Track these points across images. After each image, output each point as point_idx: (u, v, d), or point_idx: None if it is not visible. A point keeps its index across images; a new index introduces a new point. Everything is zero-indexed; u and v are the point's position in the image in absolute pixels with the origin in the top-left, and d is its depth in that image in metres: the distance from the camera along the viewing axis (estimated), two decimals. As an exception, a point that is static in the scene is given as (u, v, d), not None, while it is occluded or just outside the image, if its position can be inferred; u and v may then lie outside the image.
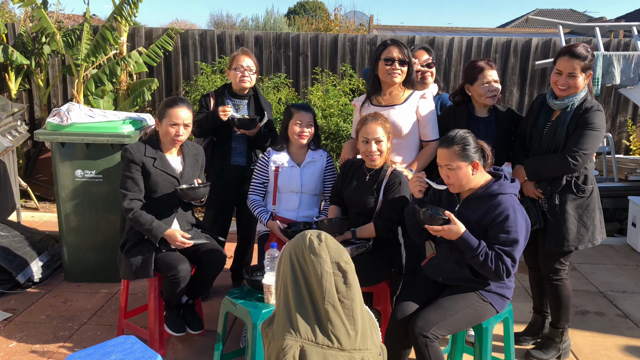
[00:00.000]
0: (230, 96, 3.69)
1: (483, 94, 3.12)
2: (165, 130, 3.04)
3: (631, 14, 21.56)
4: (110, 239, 3.97)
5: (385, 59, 3.12)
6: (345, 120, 5.66)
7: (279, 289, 1.63)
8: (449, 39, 6.63)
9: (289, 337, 1.51)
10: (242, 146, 3.66)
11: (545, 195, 2.99)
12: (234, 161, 3.65)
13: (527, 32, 16.54)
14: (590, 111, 2.85)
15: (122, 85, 6.38)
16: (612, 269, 4.65)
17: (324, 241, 1.57)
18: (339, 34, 6.67)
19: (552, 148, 2.93)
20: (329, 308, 1.52)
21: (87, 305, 3.72)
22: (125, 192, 2.99)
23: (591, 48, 2.89)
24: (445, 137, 2.57)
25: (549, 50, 6.58)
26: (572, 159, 2.83)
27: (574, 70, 2.82)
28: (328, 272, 1.53)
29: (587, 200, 2.95)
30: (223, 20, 26.04)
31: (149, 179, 3.02)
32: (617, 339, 3.48)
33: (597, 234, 2.99)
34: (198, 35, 6.70)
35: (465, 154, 2.50)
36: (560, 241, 2.94)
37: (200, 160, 3.26)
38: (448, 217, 2.49)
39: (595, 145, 2.88)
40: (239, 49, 3.68)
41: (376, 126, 2.91)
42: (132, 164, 2.99)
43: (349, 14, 19.23)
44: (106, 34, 5.72)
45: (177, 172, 3.11)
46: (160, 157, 3.06)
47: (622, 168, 5.85)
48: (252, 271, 2.87)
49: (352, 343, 1.54)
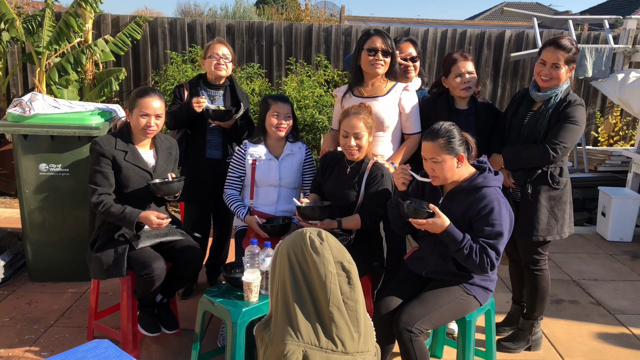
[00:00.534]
0: (205, 87, 3.55)
1: (457, 86, 3.10)
2: (136, 121, 2.91)
3: (594, 7, 22.06)
4: (77, 236, 3.80)
5: (368, 49, 3.05)
6: (320, 111, 5.57)
7: (276, 290, 1.54)
8: (423, 30, 6.60)
9: (291, 341, 1.42)
10: (218, 139, 3.54)
11: (519, 185, 2.99)
12: (208, 154, 3.53)
13: (496, 24, 16.71)
14: (572, 105, 2.86)
15: (87, 75, 6.16)
16: (584, 258, 4.72)
17: (325, 240, 1.48)
18: (313, 24, 6.57)
19: (532, 138, 2.94)
20: (333, 310, 1.44)
21: (53, 306, 3.56)
22: (95, 187, 2.85)
23: (576, 42, 2.88)
24: (430, 130, 2.52)
25: (522, 42, 6.63)
26: (553, 151, 2.84)
27: (558, 61, 2.84)
28: (332, 273, 1.45)
29: (560, 193, 2.97)
30: (191, 9, 25.53)
31: (120, 174, 2.88)
32: (591, 326, 3.52)
33: (565, 227, 3.01)
34: (168, 24, 6.51)
35: (450, 147, 2.46)
36: (529, 231, 2.95)
37: (173, 154, 3.14)
38: (432, 210, 2.45)
39: (575, 139, 2.90)
40: (214, 38, 3.56)
41: (357, 121, 2.84)
42: (102, 157, 2.85)
43: (320, 4, 19.10)
44: (70, 20, 5.48)
45: (150, 166, 2.98)
46: (132, 151, 2.92)
47: (592, 159, 5.95)
48: (230, 268, 2.77)
49: (356, 345, 1.46)
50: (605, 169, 5.80)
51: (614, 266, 4.55)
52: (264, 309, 2.56)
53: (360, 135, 2.84)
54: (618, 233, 5.09)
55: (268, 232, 3.01)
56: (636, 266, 4.55)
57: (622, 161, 5.77)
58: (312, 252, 1.46)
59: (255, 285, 2.52)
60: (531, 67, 6.55)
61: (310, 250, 1.46)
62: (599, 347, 3.28)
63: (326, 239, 1.50)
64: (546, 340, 3.32)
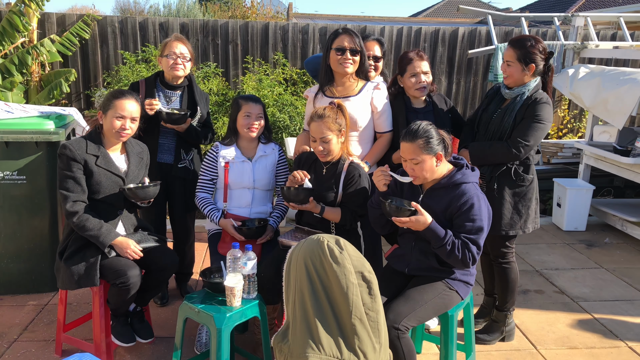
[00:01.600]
0: (163, 86, 3.38)
1: (412, 85, 3.15)
2: (110, 124, 2.77)
3: (532, 4, 22.91)
4: (35, 246, 3.62)
5: (337, 49, 3.03)
6: (281, 110, 5.53)
7: (292, 300, 1.49)
8: (379, 28, 6.65)
9: (312, 354, 1.38)
10: (170, 142, 3.38)
11: (484, 180, 3.05)
12: (160, 159, 3.37)
13: (440, 21, 17.09)
14: (538, 103, 2.92)
15: (33, 77, 5.85)
16: (544, 248, 4.89)
17: (344, 248, 1.45)
18: (269, 22, 6.50)
19: (498, 134, 3.00)
20: (356, 322, 1.41)
21: (14, 320, 3.36)
22: (67, 193, 2.70)
23: (536, 41, 2.96)
24: (407, 131, 2.53)
25: (475, 39, 6.78)
26: (515, 149, 2.90)
27: (511, 58, 2.94)
28: (353, 284, 1.41)
29: (525, 190, 3.04)
30: (130, 7, 24.74)
31: (91, 179, 2.74)
32: (558, 314, 3.65)
33: (529, 222, 3.08)
34: (118, 22, 6.28)
35: (429, 147, 2.48)
36: (493, 225, 3.00)
37: (145, 159, 3.02)
38: (415, 208, 2.46)
39: (539, 137, 2.95)
40: (172, 35, 3.42)
41: (320, 127, 2.78)
42: (73, 162, 2.70)
43: (266, 1, 18.95)
44: (14, 19, 5.21)
45: (122, 171, 2.85)
46: (103, 155, 2.79)
47: (544, 152, 6.16)
48: (209, 273, 2.70)
49: (377, 356, 1.44)
50: (558, 161, 6.02)
51: (572, 255, 4.73)
52: (248, 313, 2.50)
53: (327, 139, 2.80)
54: (573, 223, 5.30)
55: (244, 235, 2.95)
56: (592, 254, 4.76)
57: (572, 153, 6.01)
58: (332, 262, 1.42)
59: (238, 290, 2.46)
60: (484, 63, 6.74)
61: (330, 260, 1.42)
62: (567, 334, 3.40)
63: (345, 247, 1.47)
64: (518, 330, 3.42)
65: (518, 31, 6.72)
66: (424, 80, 3.14)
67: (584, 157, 5.48)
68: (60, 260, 2.77)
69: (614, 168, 5.04)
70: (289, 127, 5.59)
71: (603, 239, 5.12)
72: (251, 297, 2.55)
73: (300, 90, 6.28)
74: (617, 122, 4.60)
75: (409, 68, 3.14)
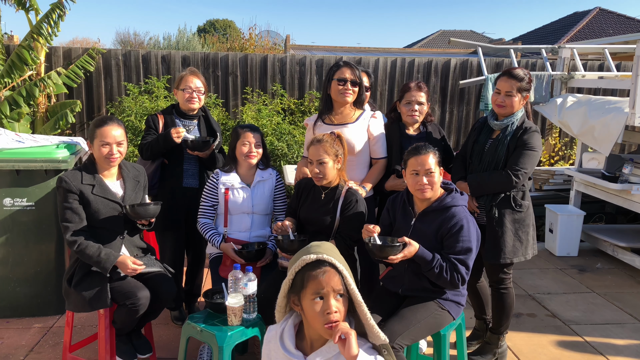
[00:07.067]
0: (179, 116, 3.60)
1: (405, 112, 3.38)
2: (98, 152, 2.89)
3: (525, 35, 23.48)
4: (42, 270, 3.73)
5: (338, 80, 3.23)
6: (279, 139, 5.70)
7: None
8: (374, 59, 6.88)
9: None
10: (194, 168, 3.59)
11: (484, 210, 3.16)
12: (186, 183, 3.56)
13: (434, 51, 17.45)
14: (528, 132, 3.07)
15: (40, 108, 6.04)
16: (536, 273, 5.00)
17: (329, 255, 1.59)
18: (268, 55, 6.73)
19: (493, 164, 3.13)
20: None
21: (20, 342, 3.46)
22: (67, 224, 2.82)
23: (529, 72, 3.15)
24: (417, 147, 2.71)
25: (467, 69, 7.02)
26: (515, 177, 3.03)
27: (512, 89, 3.07)
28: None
29: (524, 216, 3.15)
30: (130, 39, 25.22)
31: (89, 207, 2.85)
32: (550, 337, 3.74)
33: (529, 248, 3.19)
34: (122, 55, 6.50)
35: (439, 160, 2.70)
36: (497, 253, 3.12)
37: (142, 181, 3.12)
38: (404, 242, 2.58)
39: (534, 164, 3.10)
40: (187, 69, 3.62)
41: (318, 150, 2.96)
42: (69, 193, 2.82)
43: (264, 33, 19.37)
44: (23, 53, 5.42)
45: (119, 196, 2.96)
46: (99, 183, 2.90)
47: (536, 179, 6.32)
48: (211, 294, 2.81)
49: None
50: (550, 188, 6.17)
51: (564, 280, 4.84)
52: (248, 332, 2.61)
53: (323, 161, 2.96)
54: (565, 248, 5.42)
55: (244, 258, 3.07)
56: (584, 279, 4.87)
57: (564, 180, 6.16)
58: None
59: (239, 309, 2.58)
60: (476, 93, 6.96)
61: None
62: (559, 356, 3.49)
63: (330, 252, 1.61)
64: (510, 352, 3.51)
65: (508, 62, 6.96)
66: (416, 109, 3.33)
67: (574, 184, 5.64)
68: (69, 287, 2.87)
69: (603, 194, 5.19)
70: (287, 155, 5.75)
71: (595, 264, 5.23)
72: (252, 317, 2.67)
73: (298, 119, 6.47)
74: (604, 149, 4.76)
75: (406, 95, 3.36)
